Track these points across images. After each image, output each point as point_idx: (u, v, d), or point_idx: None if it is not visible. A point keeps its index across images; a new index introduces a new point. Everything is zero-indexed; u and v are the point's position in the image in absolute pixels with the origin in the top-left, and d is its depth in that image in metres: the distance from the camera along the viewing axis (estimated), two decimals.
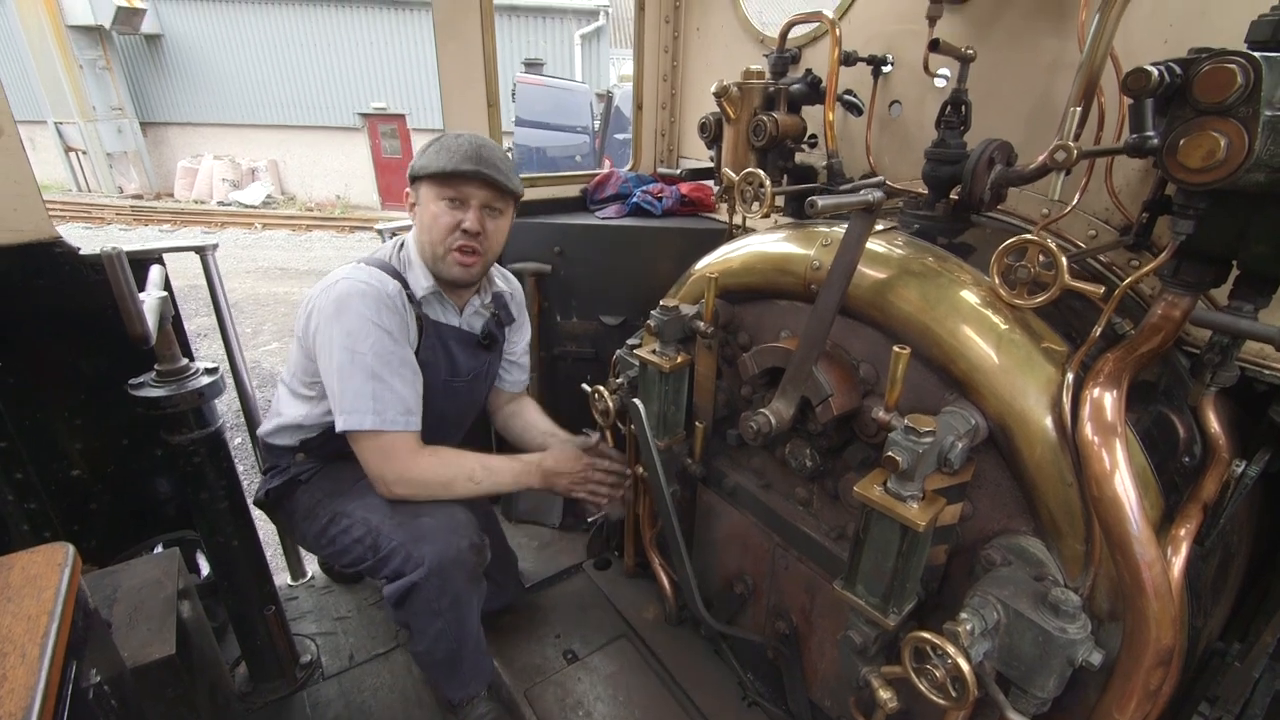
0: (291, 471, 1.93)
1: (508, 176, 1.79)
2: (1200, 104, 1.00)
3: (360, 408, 1.69)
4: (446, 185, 1.75)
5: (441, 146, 1.75)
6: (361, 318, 1.68)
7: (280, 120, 16.72)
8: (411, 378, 1.77)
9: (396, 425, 1.72)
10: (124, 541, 2.27)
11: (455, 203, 1.77)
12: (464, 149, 1.73)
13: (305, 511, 1.90)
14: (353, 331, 1.68)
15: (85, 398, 2.13)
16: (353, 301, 1.69)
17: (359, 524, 1.79)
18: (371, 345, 1.69)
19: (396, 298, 1.77)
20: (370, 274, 1.76)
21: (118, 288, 1.35)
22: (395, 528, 1.75)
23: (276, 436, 1.95)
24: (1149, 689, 1.06)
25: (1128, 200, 1.51)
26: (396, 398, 1.72)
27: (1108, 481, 1.06)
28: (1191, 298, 1.21)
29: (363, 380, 1.68)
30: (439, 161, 1.72)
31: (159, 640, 1.59)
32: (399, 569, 1.72)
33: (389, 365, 1.71)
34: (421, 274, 1.85)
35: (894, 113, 1.99)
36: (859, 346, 1.49)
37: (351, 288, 1.71)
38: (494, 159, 1.76)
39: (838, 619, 1.70)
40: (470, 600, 1.83)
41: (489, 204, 1.80)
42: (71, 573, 1.23)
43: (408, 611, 1.75)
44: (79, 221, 13.55)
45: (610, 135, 8.69)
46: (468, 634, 1.86)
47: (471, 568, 1.78)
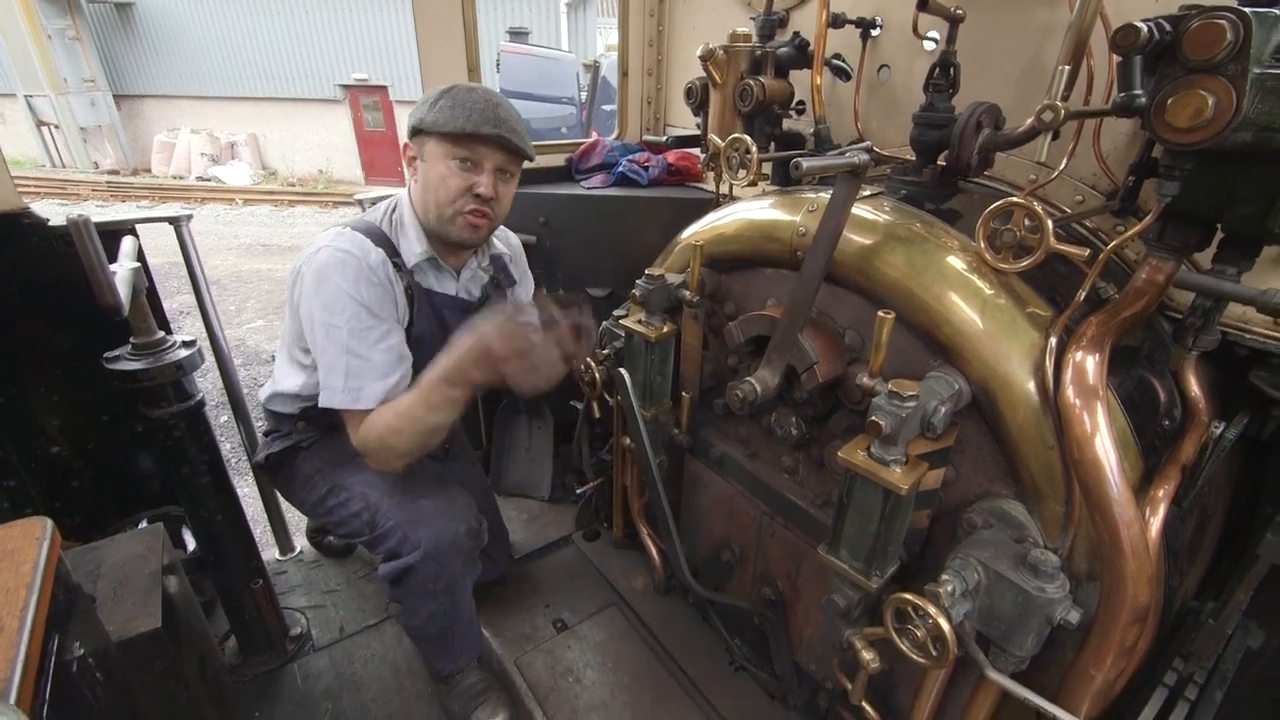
0: (293, 438, 1.89)
1: (524, 140, 1.70)
2: (1189, 61, 0.98)
3: (335, 383, 1.63)
4: (460, 145, 1.64)
5: (456, 102, 1.62)
6: (338, 290, 1.60)
7: (259, 92, 16.30)
8: (394, 352, 1.68)
9: (369, 403, 1.63)
10: (108, 518, 2.26)
11: (467, 164, 1.66)
12: (481, 108, 1.62)
13: (304, 479, 1.88)
14: (329, 304, 1.61)
15: (62, 373, 2.09)
16: (330, 272, 1.61)
17: (357, 498, 1.78)
18: (348, 319, 1.61)
19: (380, 269, 1.67)
20: (354, 241, 1.66)
21: (86, 257, 1.31)
22: (394, 507, 1.73)
23: (276, 403, 1.90)
24: (1124, 646, 1.08)
25: (1115, 165, 1.50)
26: (374, 374, 1.63)
27: (1088, 444, 1.06)
28: (1175, 261, 1.21)
29: (336, 355, 1.62)
30: (455, 120, 1.60)
31: (144, 614, 1.59)
32: (395, 549, 1.71)
33: (365, 340, 1.63)
34: (416, 237, 1.75)
35: (883, 77, 1.95)
36: (844, 314, 1.48)
37: (330, 258, 1.63)
38: (511, 120, 1.66)
39: (823, 584, 1.72)
40: (465, 583, 1.83)
41: (503, 167, 1.71)
42: (50, 546, 1.22)
43: (402, 591, 1.76)
44: (54, 198, 13.24)
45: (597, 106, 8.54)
46: (461, 613, 1.87)
47: (468, 552, 1.78)
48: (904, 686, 1.58)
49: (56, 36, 14.82)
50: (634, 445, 1.96)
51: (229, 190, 14.29)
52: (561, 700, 2.01)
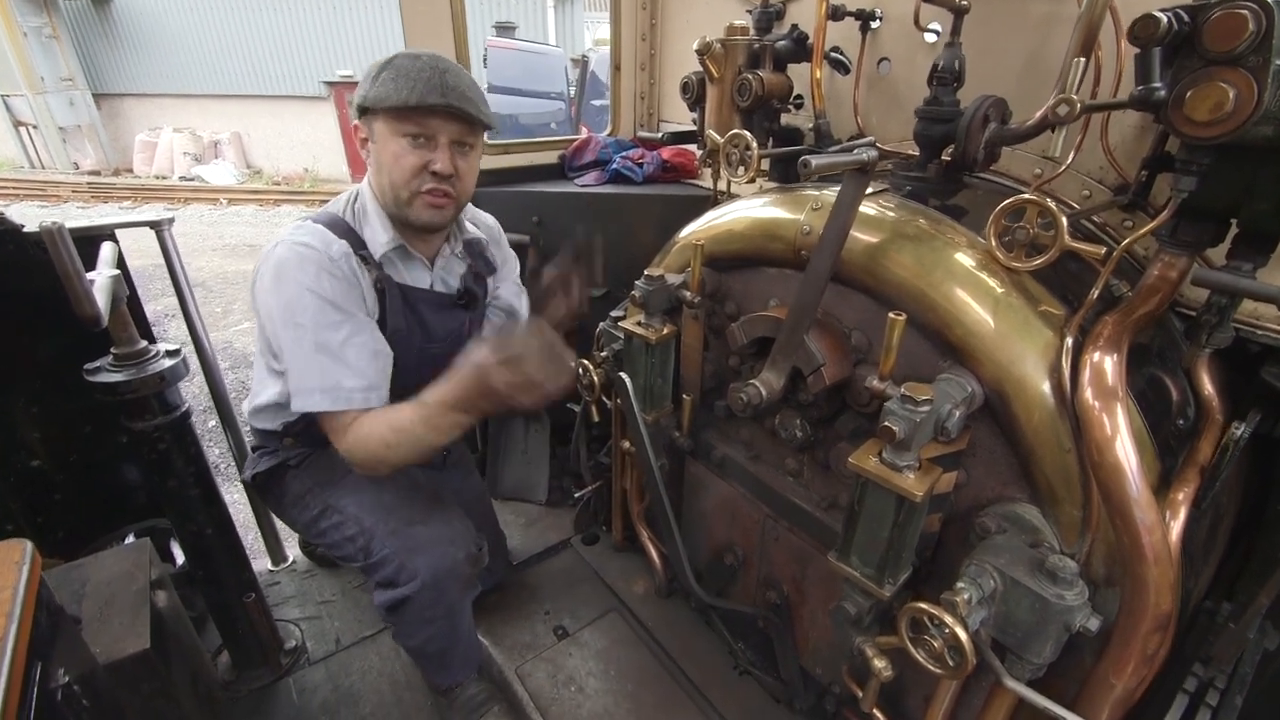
0: (280, 455, 1.81)
1: (479, 107, 1.54)
2: (1209, 53, 0.95)
3: (308, 385, 1.51)
4: (408, 120, 1.50)
5: (399, 73, 1.47)
6: (299, 286, 1.48)
7: (242, 90, 16.03)
8: (368, 347, 1.56)
9: (353, 403, 1.52)
10: (93, 532, 2.19)
11: (420, 140, 1.53)
12: (425, 76, 1.47)
13: (294, 499, 1.81)
14: (290, 302, 1.49)
15: (42, 384, 2.02)
16: (289, 269, 1.49)
17: (351, 522, 1.70)
18: (312, 316, 1.49)
19: (342, 262, 1.54)
20: (313, 234, 1.54)
21: (61, 266, 1.25)
22: (389, 534, 1.66)
23: (259, 419, 1.80)
24: (1146, 653, 1.06)
25: (1123, 158, 1.48)
26: (351, 372, 1.52)
27: (1109, 447, 1.04)
28: (1188, 258, 1.18)
29: (308, 354, 1.50)
30: (399, 93, 1.46)
31: (132, 634, 1.54)
32: (391, 578, 1.64)
33: (337, 333, 1.51)
34: (380, 226, 1.63)
35: (883, 70, 1.92)
36: (850, 314, 1.45)
37: (288, 253, 1.50)
38: (462, 86, 1.50)
39: (829, 588, 1.70)
40: (464, 606, 1.79)
41: (460, 139, 1.56)
42: (31, 569, 1.17)
43: (398, 618, 1.70)
44: (33, 200, 12.97)
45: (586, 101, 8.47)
46: (460, 634, 1.83)
47: (467, 579, 1.73)
48: (914, 692, 1.56)
49: (33, 34, 14.49)
50: (635, 449, 1.92)
51: (213, 190, 14.06)
52: (564, 710, 1.97)
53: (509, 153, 2.66)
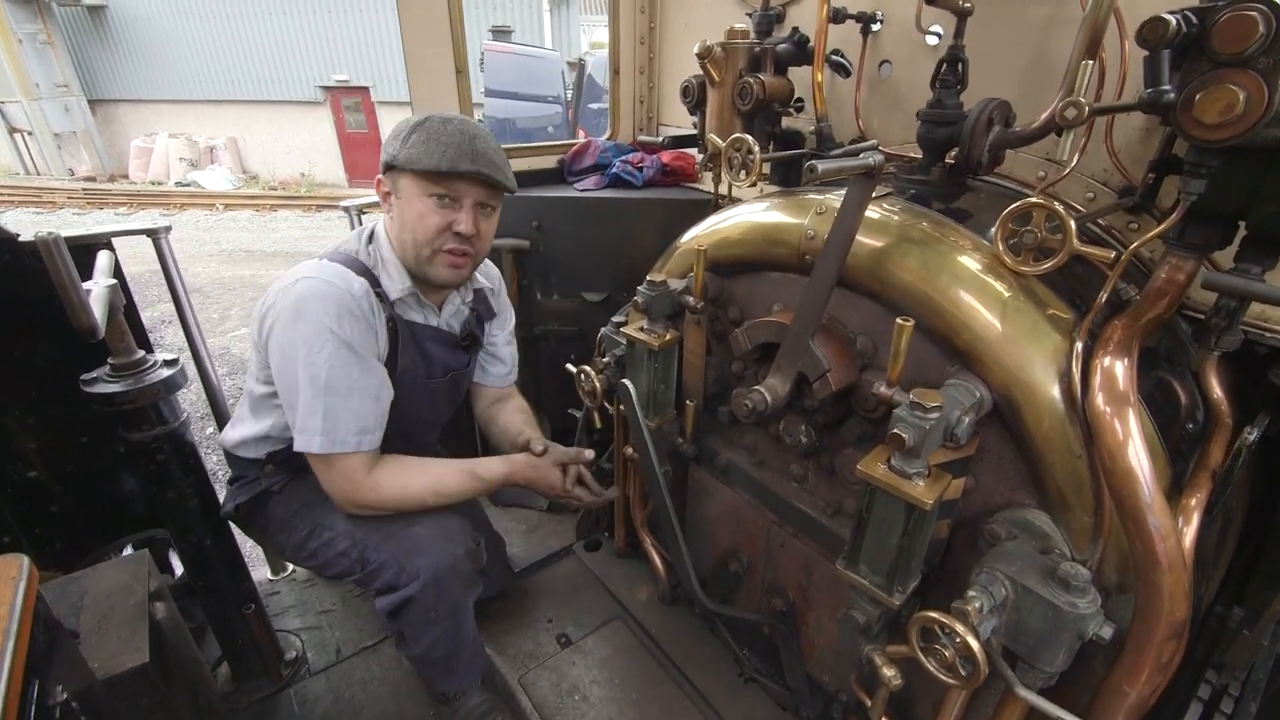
0: (262, 484, 1.80)
1: (505, 173, 1.62)
2: (1218, 55, 0.95)
3: (310, 427, 1.54)
4: (438, 183, 1.56)
5: (430, 136, 1.53)
6: (319, 325, 1.50)
7: (238, 95, 16.04)
8: (373, 392, 1.61)
9: (347, 446, 1.57)
10: (91, 543, 2.17)
11: (446, 200, 1.58)
12: (458, 142, 1.53)
13: (280, 524, 1.79)
14: (307, 339, 1.51)
15: (38, 394, 2.00)
16: (311, 305, 1.51)
17: (342, 536, 1.69)
18: (327, 357, 1.52)
19: (363, 299, 1.58)
20: (334, 272, 1.56)
21: (57, 276, 1.23)
22: (384, 540, 1.65)
23: (242, 449, 1.79)
24: (1161, 662, 1.05)
25: (1128, 161, 1.47)
26: (351, 416, 1.56)
27: (1121, 453, 1.02)
28: (1196, 260, 1.17)
29: (313, 396, 1.53)
30: (431, 158, 1.52)
31: (131, 648, 1.51)
32: (391, 583, 1.64)
33: (346, 378, 1.55)
34: (397, 274, 1.66)
35: (884, 73, 1.91)
36: (855, 318, 1.44)
37: (310, 289, 1.52)
38: (490, 153, 1.58)
39: (835, 594, 1.68)
40: (466, 605, 1.78)
41: (484, 202, 1.64)
42: (28, 585, 1.15)
43: (402, 623, 1.69)
44: (28, 206, 12.96)
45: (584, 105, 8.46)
46: (464, 637, 1.82)
47: (468, 575, 1.72)
48: (923, 700, 1.54)
49: (27, 40, 14.48)
50: (638, 455, 1.90)
51: (209, 195, 14.05)
52: (569, 719, 1.96)
53: (509, 158, 2.64)
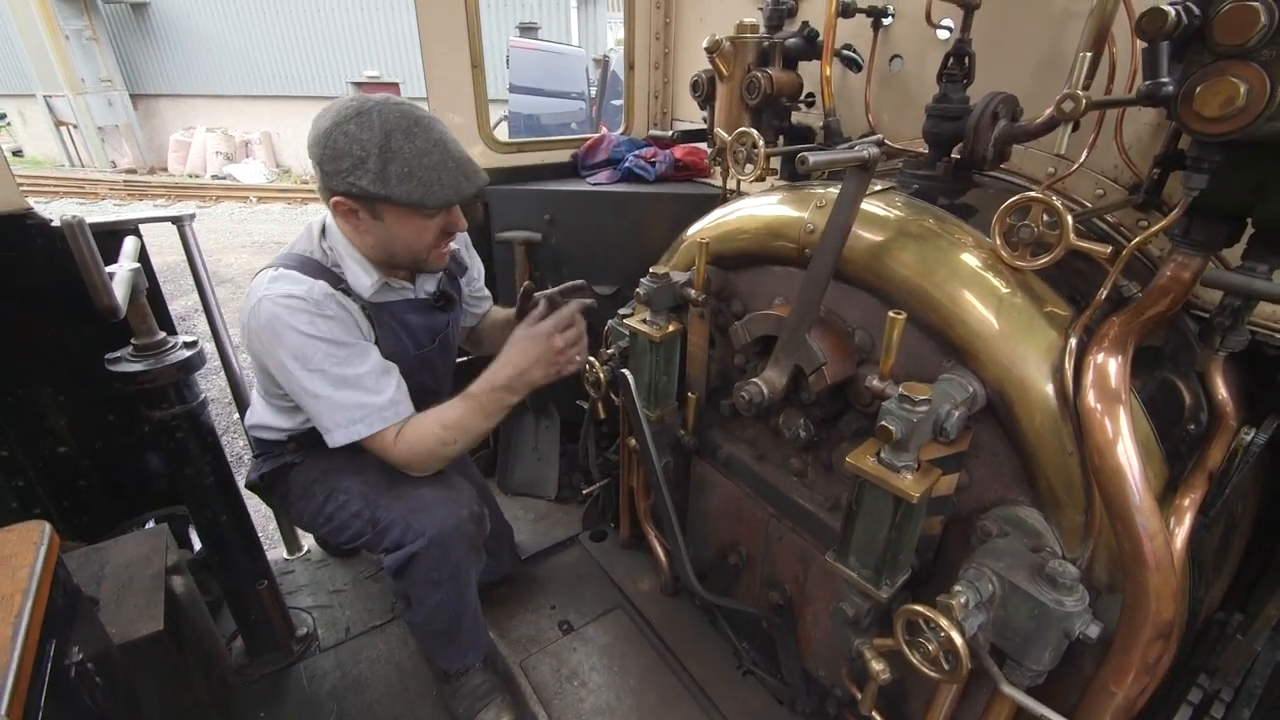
0: (284, 458, 1.88)
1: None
2: (1220, 47, 0.93)
3: (343, 420, 1.61)
4: (436, 214, 1.60)
5: (411, 169, 1.48)
6: (298, 335, 1.54)
7: (273, 91, 16.40)
8: (380, 368, 1.66)
9: (386, 422, 1.64)
10: (116, 518, 2.26)
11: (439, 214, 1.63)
12: (450, 169, 1.53)
13: (300, 491, 1.86)
14: (297, 351, 1.55)
15: (69, 373, 2.09)
16: (281, 324, 1.54)
17: (356, 498, 1.76)
18: (323, 359, 1.57)
19: (327, 302, 1.58)
20: (291, 282, 1.57)
21: (80, 258, 1.29)
22: (394, 500, 1.72)
23: (262, 431, 1.88)
24: (1147, 662, 1.03)
25: (1138, 157, 1.44)
26: (371, 395, 1.62)
27: (1110, 451, 1.01)
28: (1202, 258, 1.16)
29: (330, 391, 1.58)
30: (432, 196, 1.51)
31: (147, 616, 1.59)
32: (399, 540, 1.69)
33: (351, 366, 1.60)
34: (362, 270, 1.67)
35: (895, 67, 1.90)
36: (854, 313, 1.44)
37: (273, 310, 1.53)
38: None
39: (832, 589, 1.68)
40: (469, 571, 1.81)
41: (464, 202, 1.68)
42: (48, 550, 1.21)
43: (407, 581, 1.74)
44: (73, 197, 13.41)
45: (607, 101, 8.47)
46: (466, 605, 1.85)
47: (472, 537, 1.76)
48: (915, 696, 1.54)
49: (74, 37, 14.98)
50: (639, 447, 1.92)
51: (243, 188, 14.39)
52: (567, 704, 1.99)
53: (522, 151, 2.68)
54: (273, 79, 16.31)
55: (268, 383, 1.75)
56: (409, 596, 1.79)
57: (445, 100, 2.39)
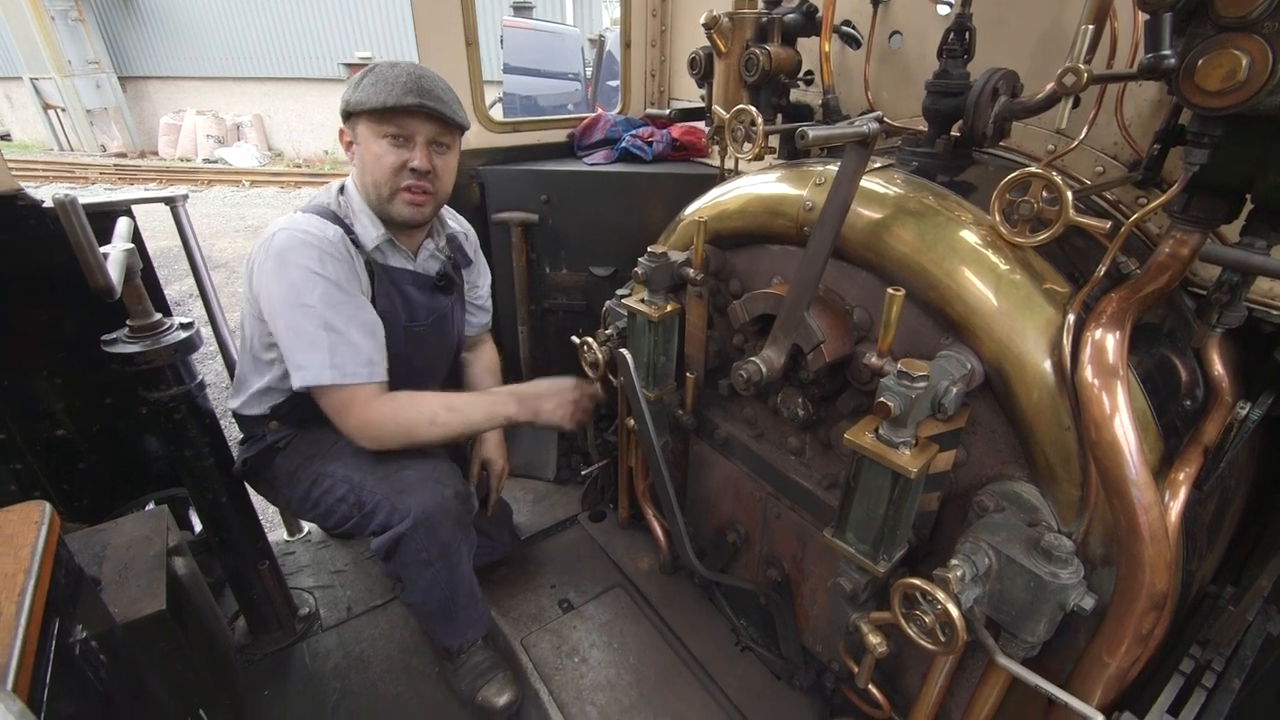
0: (268, 440, 1.87)
1: (453, 109, 1.68)
2: (1222, 19, 0.92)
3: (315, 361, 1.61)
4: (388, 121, 1.63)
5: (378, 78, 1.61)
6: (304, 270, 1.59)
7: (263, 73, 16.16)
8: (370, 326, 1.69)
9: (358, 378, 1.64)
10: (116, 500, 2.27)
11: (399, 140, 1.66)
12: (403, 80, 1.60)
13: (286, 477, 1.86)
14: (296, 284, 1.59)
15: (65, 356, 2.09)
16: (292, 254, 1.60)
17: (341, 482, 1.76)
18: (319, 296, 1.60)
19: (339, 244, 1.67)
20: (309, 221, 1.66)
21: (74, 237, 1.28)
22: (378, 482, 1.72)
23: (246, 407, 1.88)
24: (1140, 633, 1.05)
25: (1138, 134, 1.44)
26: (353, 349, 1.64)
27: (1107, 425, 1.02)
28: (1201, 234, 1.15)
29: (315, 332, 1.60)
30: (378, 96, 1.59)
31: (149, 596, 1.59)
32: (385, 522, 1.70)
33: (342, 313, 1.63)
34: (370, 222, 1.75)
35: (894, 44, 1.88)
36: (853, 291, 1.44)
37: (289, 239, 1.61)
38: (437, 90, 1.64)
39: (830, 566, 1.70)
40: (459, 548, 1.82)
41: (436, 139, 1.70)
42: (49, 529, 1.22)
43: (397, 563, 1.75)
44: (62, 181, 13.25)
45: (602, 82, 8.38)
46: (459, 582, 1.87)
47: (457, 515, 1.76)
48: (912, 670, 1.57)
49: (60, 18, 14.70)
50: (637, 427, 1.93)
51: (236, 172, 14.23)
52: (567, 679, 2.01)
53: (518, 131, 2.66)
54: (263, 61, 16.06)
55: (257, 330, 1.75)
56: (400, 578, 1.80)
57: None
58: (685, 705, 1.95)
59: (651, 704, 1.95)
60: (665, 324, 1.79)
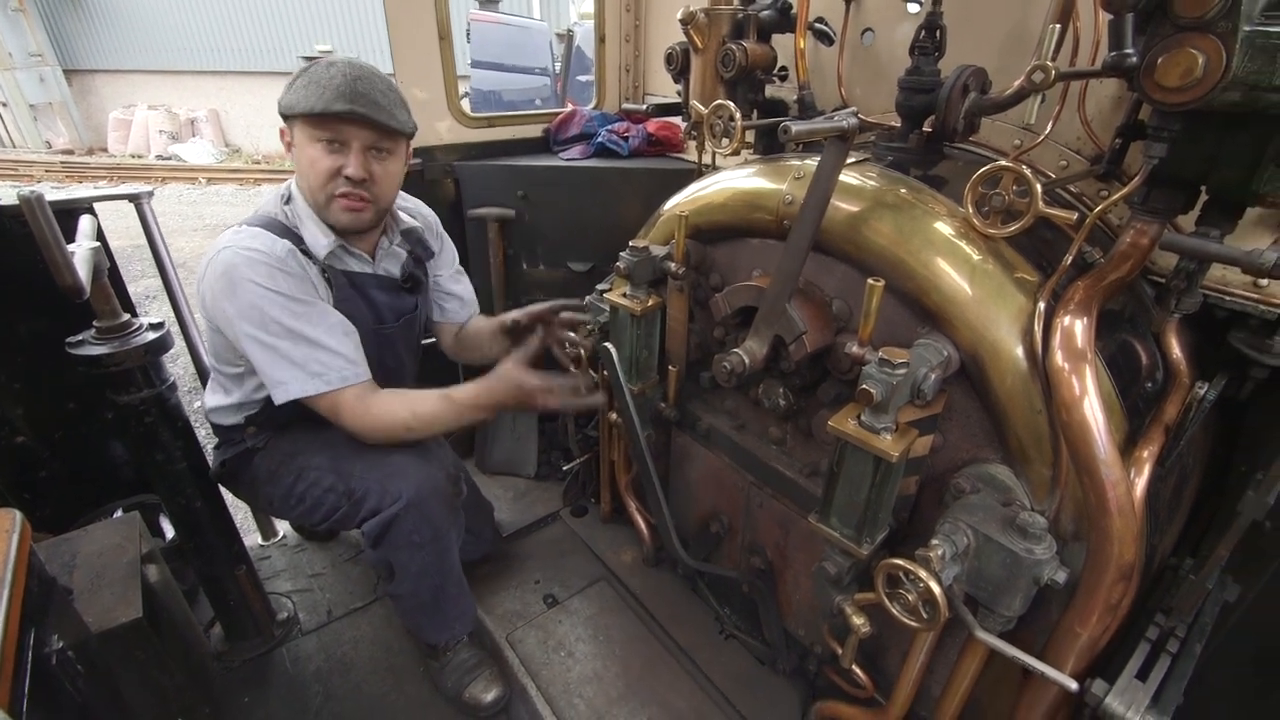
0: (247, 443, 1.83)
1: (391, 114, 1.58)
2: (1180, 19, 0.97)
3: (294, 375, 1.57)
4: (321, 126, 1.54)
5: (310, 79, 1.52)
6: (255, 287, 1.52)
7: (219, 66, 15.62)
8: (340, 328, 1.64)
9: (344, 381, 1.61)
10: (81, 508, 2.19)
11: (334, 145, 1.57)
12: (337, 83, 1.50)
13: (267, 476, 1.82)
14: (254, 303, 1.53)
15: (23, 360, 2.01)
16: (240, 273, 1.52)
17: (328, 473, 1.74)
18: (279, 313, 1.54)
19: (288, 259, 1.59)
20: (254, 237, 1.57)
21: (40, 234, 1.24)
22: (367, 468, 1.70)
23: (220, 416, 1.83)
24: (1110, 603, 1.11)
25: (1100, 129, 1.50)
26: (329, 354, 1.60)
27: (1076, 406, 1.07)
28: (1160, 224, 1.21)
29: (288, 345, 1.56)
30: (308, 100, 1.50)
31: (124, 604, 1.55)
32: (376, 506, 1.68)
33: (309, 322, 1.58)
34: (318, 230, 1.66)
35: (866, 41, 1.92)
36: (831, 283, 1.47)
37: (234, 257, 1.53)
38: (373, 94, 1.54)
39: (811, 552, 1.74)
40: (450, 533, 1.81)
41: (373, 145, 1.60)
42: (20, 538, 1.18)
43: (388, 547, 1.73)
44: (5, 179, 12.63)
45: (572, 77, 8.34)
46: (449, 569, 1.86)
47: (449, 498, 1.76)
48: (892, 649, 1.61)
49: None
50: (621, 420, 1.94)
51: (191, 169, 13.75)
52: (555, 674, 2.02)
53: (493, 126, 2.64)
54: (218, 54, 15.53)
55: (218, 344, 1.70)
56: (391, 565, 1.78)
57: (412, 73, 2.33)
58: (672, 694, 1.97)
59: (639, 694, 1.97)
60: (648, 318, 1.81)
